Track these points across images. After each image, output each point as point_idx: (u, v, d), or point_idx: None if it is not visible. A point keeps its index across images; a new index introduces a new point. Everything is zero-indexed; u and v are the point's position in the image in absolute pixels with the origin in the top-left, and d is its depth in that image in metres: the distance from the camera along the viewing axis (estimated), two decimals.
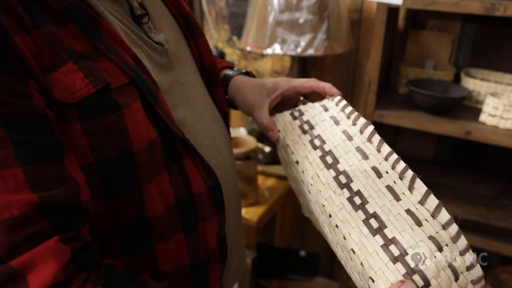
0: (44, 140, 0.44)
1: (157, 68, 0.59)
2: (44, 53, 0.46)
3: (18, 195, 0.41)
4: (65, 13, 0.48)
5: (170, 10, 0.69)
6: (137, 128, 0.50)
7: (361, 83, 1.64)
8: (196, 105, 0.65)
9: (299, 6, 1.30)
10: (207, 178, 0.60)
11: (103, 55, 0.50)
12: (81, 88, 0.47)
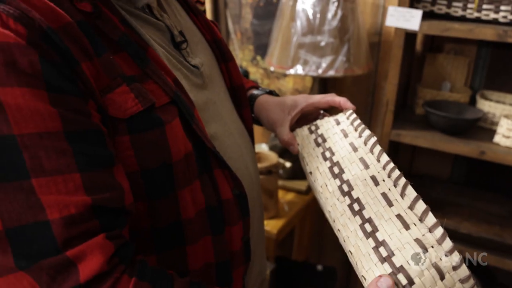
0: (98, 152, 0.51)
1: (194, 88, 0.67)
2: (102, 77, 0.53)
3: (75, 196, 0.48)
4: (119, 42, 0.56)
5: (204, 36, 0.77)
6: (176, 142, 0.58)
7: (379, 104, 1.70)
8: (226, 121, 0.72)
9: (321, 29, 1.38)
10: (234, 187, 0.67)
11: (149, 78, 0.58)
12: (132, 106, 0.55)
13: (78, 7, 0.53)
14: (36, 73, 0.47)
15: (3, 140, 0.45)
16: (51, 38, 0.48)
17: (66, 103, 0.49)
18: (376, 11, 1.60)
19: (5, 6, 0.47)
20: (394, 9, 1.25)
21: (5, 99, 0.45)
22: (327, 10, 1.37)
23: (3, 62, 0.46)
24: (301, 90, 1.79)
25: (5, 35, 0.46)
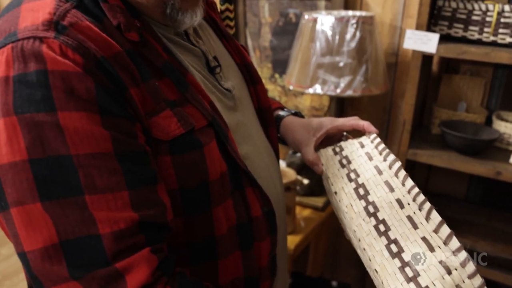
0: (144, 170, 0.55)
1: (227, 110, 0.71)
2: (148, 101, 0.58)
3: (124, 212, 0.52)
4: (163, 69, 0.61)
5: (235, 60, 0.81)
6: (213, 163, 0.62)
7: (395, 122, 1.73)
8: (255, 142, 0.76)
9: (339, 50, 1.42)
10: (264, 204, 0.71)
11: (189, 102, 0.62)
12: (175, 129, 0.59)
13: (127, 36, 0.58)
14: (91, 98, 0.52)
15: (61, 160, 0.50)
16: (104, 66, 0.53)
17: (117, 125, 0.53)
18: (394, 32, 1.64)
19: (64, 37, 0.52)
20: (411, 32, 1.29)
21: (64, 122, 0.50)
22: (346, 32, 1.41)
23: (63, 89, 0.50)
24: (318, 107, 1.83)
25: (64, 64, 0.51)
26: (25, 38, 0.52)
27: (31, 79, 0.50)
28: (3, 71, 0.51)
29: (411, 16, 1.59)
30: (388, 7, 1.63)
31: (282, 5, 1.77)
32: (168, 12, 0.64)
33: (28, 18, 0.54)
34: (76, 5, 0.57)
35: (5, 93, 0.51)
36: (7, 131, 0.50)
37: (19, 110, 0.50)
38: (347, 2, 1.66)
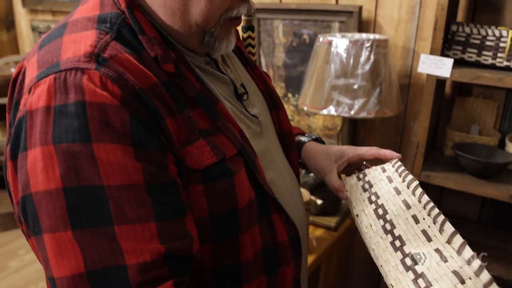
0: (174, 203, 0.57)
1: (254, 137, 0.73)
2: (182, 131, 0.60)
3: (151, 244, 0.53)
4: (196, 99, 0.63)
5: (258, 87, 0.84)
6: (242, 190, 0.64)
7: (408, 143, 1.74)
8: (279, 167, 0.78)
9: (354, 73, 1.44)
10: (289, 230, 0.72)
11: (220, 131, 0.64)
12: (208, 158, 0.61)
13: (163, 68, 0.61)
14: (126, 131, 0.53)
15: (94, 190, 0.52)
16: (141, 98, 0.55)
17: (149, 158, 0.55)
18: (407, 54, 1.66)
19: (104, 69, 0.54)
20: (426, 57, 1.31)
21: (98, 154, 0.52)
22: (360, 55, 1.44)
23: (99, 121, 0.52)
24: (330, 127, 1.85)
25: (103, 96, 0.53)
26: (67, 69, 0.54)
27: (70, 110, 0.52)
28: (45, 101, 0.53)
29: (424, 38, 1.61)
30: (401, 30, 1.65)
31: (296, 26, 1.80)
32: (206, 40, 0.66)
33: (70, 50, 0.57)
34: (115, 36, 0.59)
35: (46, 123, 0.53)
36: (44, 160, 0.52)
37: (57, 140, 0.52)
38: (361, 24, 1.68)
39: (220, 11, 0.64)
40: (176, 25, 0.65)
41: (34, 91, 0.55)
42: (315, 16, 1.74)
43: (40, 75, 0.56)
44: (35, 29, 2.96)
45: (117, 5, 0.63)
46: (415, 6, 1.60)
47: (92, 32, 0.59)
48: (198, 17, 0.63)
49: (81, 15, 0.63)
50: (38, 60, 0.59)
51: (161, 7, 0.64)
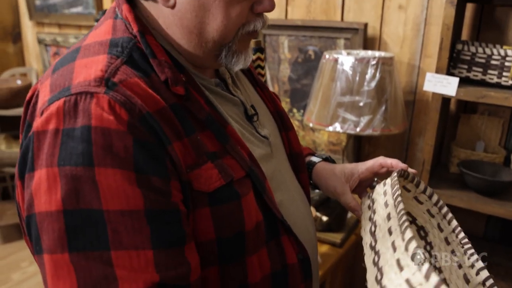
0: (173, 231, 0.56)
1: (263, 158, 0.73)
2: (190, 155, 0.60)
3: (145, 272, 0.53)
4: (205, 121, 0.64)
5: (268, 108, 0.84)
6: (250, 213, 0.64)
7: (413, 159, 1.74)
8: (289, 188, 0.79)
9: (359, 90, 1.45)
10: (299, 252, 0.73)
11: (228, 154, 0.65)
12: (215, 181, 0.61)
13: (173, 90, 0.61)
14: (128, 156, 0.54)
15: (92, 214, 0.52)
16: (148, 122, 0.56)
17: (150, 184, 0.55)
18: (412, 71, 1.67)
19: (113, 93, 0.55)
20: (431, 76, 1.32)
21: (99, 178, 0.53)
22: (366, 72, 1.44)
23: (102, 145, 0.53)
24: (335, 143, 1.85)
25: (109, 121, 0.54)
26: (77, 93, 0.55)
27: (77, 134, 0.53)
28: (54, 123, 0.54)
29: (429, 55, 1.62)
30: (406, 47, 1.66)
31: (302, 42, 1.81)
32: (223, 54, 0.67)
33: (81, 74, 0.58)
34: (126, 60, 0.60)
35: (53, 145, 0.54)
36: (48, 181, 0.53)
37: (62, 163, 0.53)
38: (366, 41, 1.70)
39: (237, 26, 0.65)
40: (192, 43, 0.66)
41: (44, 113, 0.56)
42: (320, 32, 1.75)
43: (52, 98, 0.57)
44: (41, 41, 2.98)
45: (129, 29, 0.64)
46: (420, 24, 1.62)
47: (104, 56, 0.60)
48: (215, 33, 0.64)
49: (94, 40, 0.64)
50: (51, 83, 0.60)
51: (177, 27, 0.65)
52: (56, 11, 2.84)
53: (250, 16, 0.66)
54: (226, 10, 0.63)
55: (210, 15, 0.63)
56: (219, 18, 0.63)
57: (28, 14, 3.04)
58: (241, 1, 0.64)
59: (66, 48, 2.85)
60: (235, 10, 0.64)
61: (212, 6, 0.62)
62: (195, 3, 0.62)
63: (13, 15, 3.16)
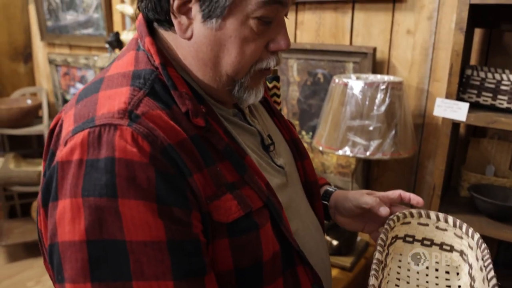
0: (194, 262, 0.57)
1: (279, 188, 0.74)
2: (209, 186, 0.61)
3: None
4: (223, 152, 0.64)
5: (284, 137, 0.85)
6: (267, 243, 0.64)
7: (422, 182, 1.74)
8: (304, 217, 0.79)
9: (369, 114, 1.46)
10: (314, 282, 0.72)
11: (246, 184, 0.65)
12: (234, 212, 0.62)
13: (194, 122, 0.62)
14: (151, 188, 0.55)
15: (115, 244, 0.53)
16: (169, 154, 0.57)
17: (172, 215, 0.56)
18: (420, 94, 1.68)
19: (136, 125, 0.56)
20: (441, 101, 1.33)
21: (122, 209, 0.53)
22: (376, 97, 1.45)
23: (125, 177, 0.54)
24: (344, 165, 1.86)
25: (132, 153, 0.55)
26: (101, 125, 0.56)
27: (101, 165, 0.54)
28: (78, 154, 0.55)
29: (438, 80, 1.63)
30: (415, 71, 1.67)
31: (311, 65, 1.83)
32: (236, 90, 0.68)
33: (105, 106, 0.59)
34: (148, 92, 0.62)
35: (77, 176, 0.55)
36: (72, 211, 0.54)
37: (86, 193, 0.54)
38: (375, 65, 1.71)
39: (250, 62, 0.66)
40: (207, 76, 0.67)
41: (68, 143, 0.57)
42: (329, 56, 1.77)
43: (76, 129, 0.58)
44: (52, 61, 3.03)
45: (151, 61, 0.66)
46: (428, 48, 1.63)
47: (127, 88, 0.61)
48: (229, 68, 0.66)
49: (117, 71, 0.66)
50: (75, 114, 0.61)
51: (193, 58, 0.66)
52: (67, 32, 2.89)
53: (264, 54, 0.68)
54: (241, 47, 0.64)
55: (225, 50, 0.64)
56: (233, 53, 0.64)
57: (40, 35, 3.09)
58: (256, 38, 0.65)
59: (76, 68, 2.89)
60: (249, 47, 0.65)
61: (227, 41, 0.64)
62: (211, 37, 0.64)
63: (25, 36, 3.22)
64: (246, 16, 0.63)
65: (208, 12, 0.62)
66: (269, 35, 0.67)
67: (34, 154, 3.34)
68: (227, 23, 0.63)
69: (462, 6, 1.26)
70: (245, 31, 0.64)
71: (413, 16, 1.64)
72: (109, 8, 2.57)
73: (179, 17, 0.64)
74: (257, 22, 0.64)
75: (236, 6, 0.62)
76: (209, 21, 0.63)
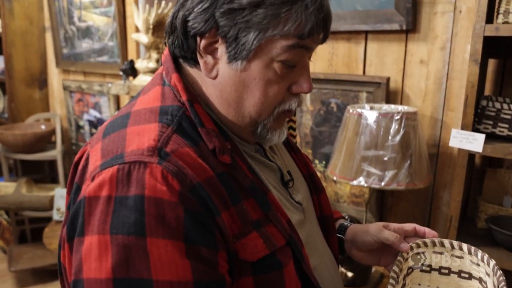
0: None
1: (298, 225, 0.73)
2: (236, 224, 0.61)
3: None
4: (249, 189, 0.64)
5: (301, 171, 0.85)
6: (290, 281, 0.64)
7: (438, 213, 1.71)
8: (321, 253, 0.78)
9: (384, 145, 1.45)
10: None
11: (270, 222, 0.65)
12: (260, 250, 0.61)
13: (220, 159, 0.62)
14: (179, 227, 0.55)
15: (142, 283, 0.53)
16: (198, 192, 0.57)
17: (199, 255, 0.56)
18: (435, 124, 1.67)
19: (166, 163, 0.57)
20: (457, 132, 1.32)
21: (150, 248, 0.53)
22: (390, 127, 1.45)
23: (155, 215, 0.54)
24: (358, 195, 1.84)
25: (162, 191, 0.55)
26: (131, 162, 0.56)
27: (130, 203, 0.54)
28: (107, 190, 0.55)
29: (452, 109, 1.63)
30: (428, 101, 1.67)
31: (324, 94, 1.84)
32: (259, 131, 0.69)
33: (134, 142, 0.59)
34: (176, 128, 0.62)
35: (106, 212, 0.55)
36: (99, 248, 0.54)
37: (114, 231, 0.53)
38: (389, 94, 1.72)
39: (273, 104, 0.67)
40: (230, 116, 0.67)
41: (96, 178, 0.57)
42: (342, 85, 1.78)
43: (104, 164, 0.58)
44: (66, 88, 3.08)
45: (178, 97, 0.66)
46: (441, 78, 1.64)
47: (155, 125, 0.62)
48: (252, 110, 0.66)
49: (143, 106, 0.66)
50: (102, 148, 0.61)
51: (217, 98, 0.67)
52: (82, 59, 2.95)
53: (287, 96, 0.68)
54: (265, 89, 0.65)
55: (248, 91, 0.65)
56: (256, 95, 0.65)
57: (55, 62, 3.16)
58: (279, 81, 0.66)
59: (90, 94, 2.93)
60: (273, 90, 0.65)
61: (251, 83, 0.64)
62: (236, 78, 0.64)
63: (41, 63, 3.28)
64: (271, 59, 0.64)
65: (234, 54, 0.63)
66: (292, 78, 0.67)
67: (46, 179, 3.36)
68: (252, 65, 0.64)
69: (476, 38, 1.26)
70: (269, 74, 0.64)
71: (426, 46, 1.65)
72: (124, 36, 2.63)
73: (205, 57, 0.65)
74: (281, 66, 0.64)
75: (261, 49, 0.63)
76: (235, 62, 0.64)
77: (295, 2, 0.61)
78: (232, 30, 0.62)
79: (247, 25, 0.61)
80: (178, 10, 0.66)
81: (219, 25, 0.62)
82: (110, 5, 2.63)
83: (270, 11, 0.61)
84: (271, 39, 0.62)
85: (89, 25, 2.83)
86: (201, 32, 0.63)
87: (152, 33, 2.13)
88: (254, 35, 0.62)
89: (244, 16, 0.61)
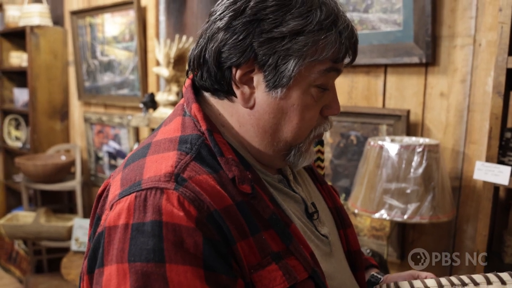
0: None
1: (323, 258, 0.72)
2: (254, 255, 0.60)
3: None
4: (269, 220, 0.64)
5: (327, 204, 0.84)
6: None
7: (461, 247, 1.67)
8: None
9: (406, 177, 1.44)
10: None
11: (292, 254, 0.64)
12: (279, 283, 0.60)
13: (240, 188, 0.62)
14: (198, 253, 0.54)
15: None
16: (215, 220, 0.57)
17: (218, 282, 0.55)
18: (456, 156, 1.66)
19: (183, 189, 0.57)
20: (482, 164, 1.30)
21: (170, 274, 0.53)
22: (412, 159, 1.44)
23: (173, 241, 0.54)
24: (378, 228, 1.81)
25: (179, 217, 0.55)
26: (148, 189, 0.57)
27: (147, 229, 0.54)
28: (125, 218, 0.56)
29: (474, 142, 1.62)
30: (449, 133, 1.66)
31: (344, 127, 1.84)
32: (292, 154, 0.69)
33: (152, 169, 0.60)
34: (195, 156, 0.62)
35: (123, 240, 0.55)
36: (118, 278, 0.53)
37: (132, 258, 0.53)
38: (409, 127, 1.71)
39: (309, 129, 0.68)
40: (264, 142, 0.68)
41: (115, 208, 0.57)
42: (362, 118, 1.78)
43: (123, 193, 0.59)
44: (87, 120, 3.14)
45: (198, 127, 0.67)
46: (462, 111, 1.63)
47: (174, 153, 0.62)
48: (289, 135, 0.67)
49: (163, 136, 0.67)
50: (122, 178, 0.62)
51: (252, 126, 0.68)
52: (103, 92, 3.02)
53: (320, 119, 0.69)
54: (302, 114, 0.66)
55: (286, 117, 0.66)
56: (294, 121, 0.66)
57: (77, 95, 3.23)
58: (315, 105, 0.67)
59: (110, 126, 2.98)
60: (309, 114, 0.67)
61: (289, 109, 0.66)
62: (274, 106, 0.65)
63: (63, 95, 3.37)
64: (309, 84, 0.65)
65: (273, 82, 0.64)
66: (323, 101, 0.69)
67: (64, 209, 3.39)
68: (291, 92, 0.65)
69: (499, 70, 1.27)
70: (307, 99, 0.66)
71: (446, 79, 1.65)
72: (145, 70, 2.69)
73: (241, 87, 0.66)
74: (317, 90, 0.66)
75: (301, 76, 0.64)
76: (274, 90, 0.65)
77: (331, 29, 0.63)
78: (271, 59, 0.63)
79: (287, 53, 0.63)
80: (206, 43, 0.67)
81: (258, 55, 0.63)
82: (132, 40, 2.71)
83: (310, 38, 0.62)
84: (309, 65, 0.64)
85: (111, 59, 2.91)
86: (238, 63, 0.64)
87: (173, 67, 2.18)
88: (294, 62, 0.63)
89: (284, 44, 0.62)
